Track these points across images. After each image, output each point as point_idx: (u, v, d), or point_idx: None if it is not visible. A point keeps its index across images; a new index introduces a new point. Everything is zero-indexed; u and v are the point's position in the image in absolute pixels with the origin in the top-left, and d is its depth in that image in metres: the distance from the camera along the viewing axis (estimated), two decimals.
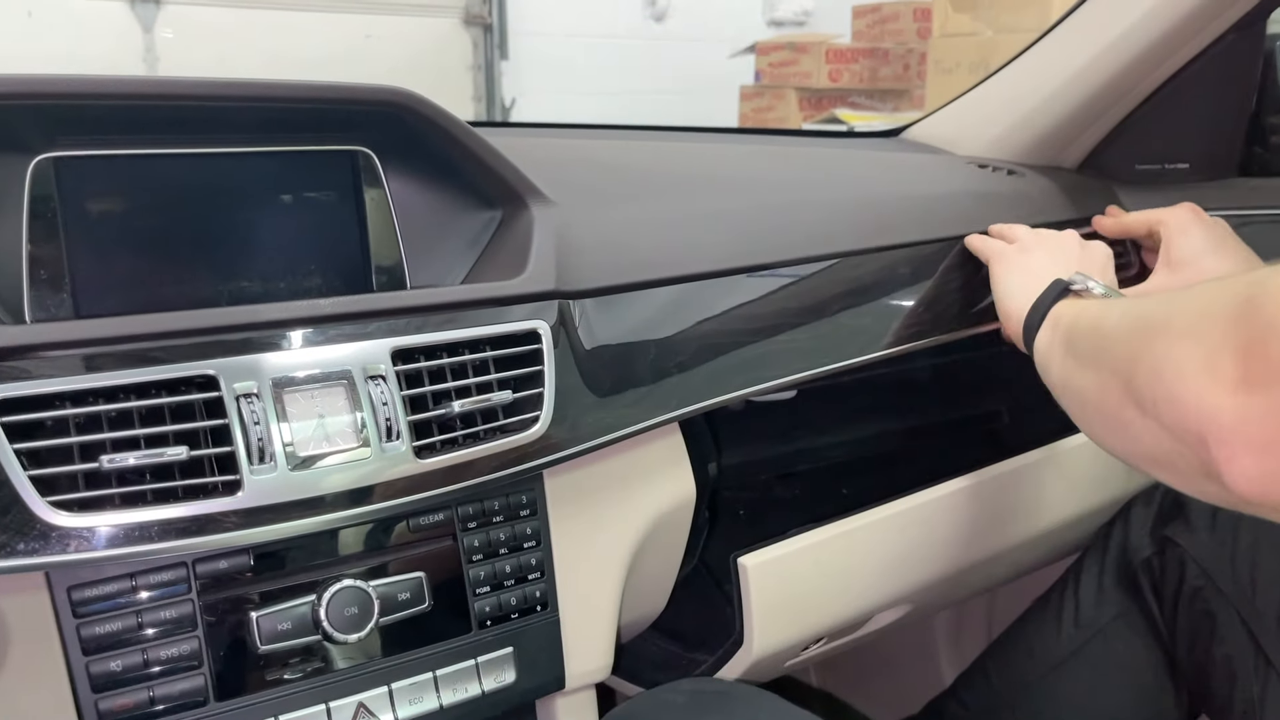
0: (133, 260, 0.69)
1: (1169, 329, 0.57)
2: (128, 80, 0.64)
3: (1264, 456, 0.49)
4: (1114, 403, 0.62)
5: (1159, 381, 0.56)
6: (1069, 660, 1.03)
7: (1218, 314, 0.53)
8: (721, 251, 0.87)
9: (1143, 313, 0.63)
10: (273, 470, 0.61)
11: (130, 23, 4.18)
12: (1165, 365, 0.55)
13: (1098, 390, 0.66)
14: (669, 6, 5.40)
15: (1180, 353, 0.54)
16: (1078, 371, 0.70)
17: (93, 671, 0.60)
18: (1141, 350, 0.59)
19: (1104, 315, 0.69)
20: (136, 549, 0.58)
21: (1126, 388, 0.60)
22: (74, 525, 0.56)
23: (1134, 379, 0.59)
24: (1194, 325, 0.54)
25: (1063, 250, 0.89)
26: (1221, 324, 0.52)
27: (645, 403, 0.78)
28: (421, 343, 0.68)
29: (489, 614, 0.73)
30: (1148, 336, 0.59)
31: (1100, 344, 0.67)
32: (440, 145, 0.76)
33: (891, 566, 0.94)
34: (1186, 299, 0.58)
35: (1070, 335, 0.74)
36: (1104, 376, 0.65)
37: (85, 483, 0.58)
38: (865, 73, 4.42)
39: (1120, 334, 0.64)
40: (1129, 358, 0.60)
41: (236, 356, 0.62)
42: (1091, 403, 0.67)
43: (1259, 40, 1.17)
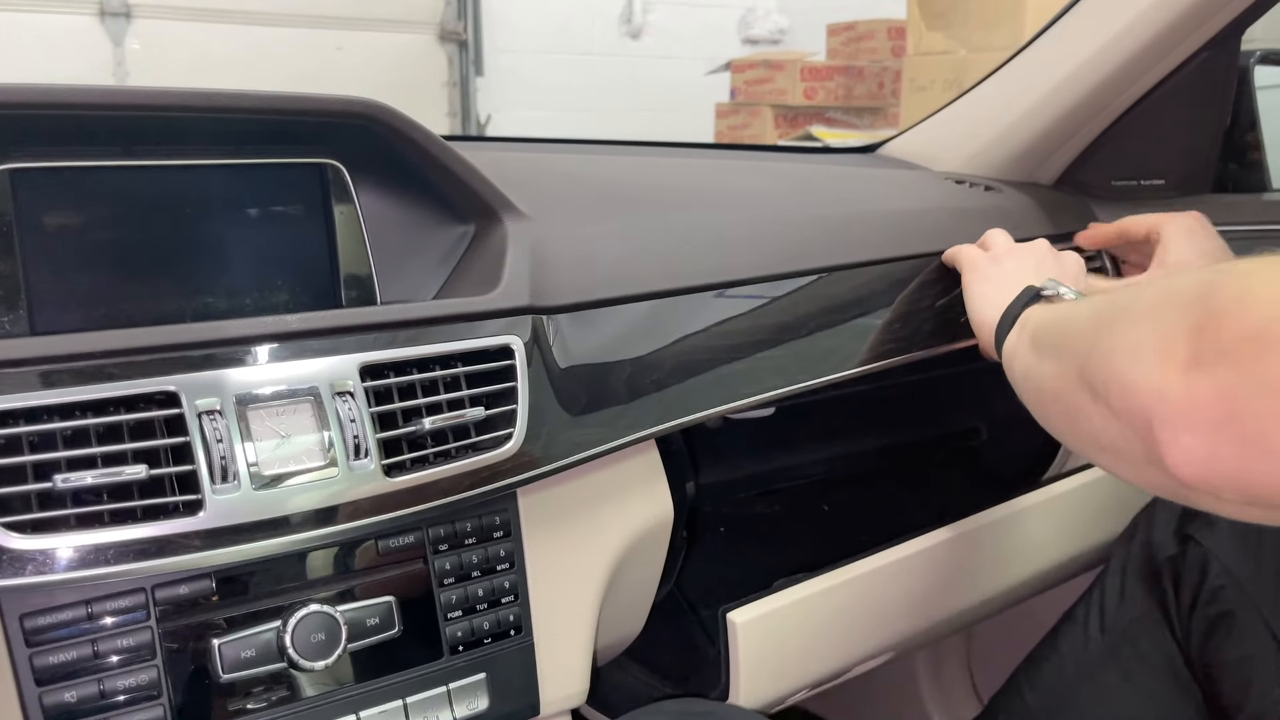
0: (93, 276, 0.67)
1: (1128, 314, 0.57)
2: (87, 90, 0.63)
3: (1207, 438, 0.48)
4: (1068, 390, 0.62)
5: (1111, 365, 0.56)
6: (1098, 666, 1.02)
7: (1176, 299, 0.52)
8: (698, 267, 0.86)
9: (1107, 302, 0.63)
10: (236, 490, 0.59)
11: (100, 38, 4.14)
12: (1119, 349, 0.55)
13: (1054, 379, 0.66)
14: (644, 24, 5.42)
15: (1135, 336, 0.54)
16: (1037, 363, 0.70)
17: (46, 703, 0.57)
18: (1099, 337, 0.59)
19: (1071, 310, 0.70)
20: (94, 572, 0.56)
21: (1080, 374, 0.60)
22: (27, 548, 0.54)
23: (1088, 365, 0.59)
24: (1151, 310, 0.54)
25: (1035, 258, 0.89)
26: (1178, 308, 0.51)
27: (621, 420, 0.77)
28: (391, 358, 0.66)
29: (461, 639, 0.71)
30: (1108, 323, 0.59)
31: (1062, 335, 0.68)
32: (411, 158, 0.74)
33: (881, 618, 0.93)
34: (1149, 287, 0.58)
35: (1036, 332, 0.74)
36: (1062, 366, 0.65)
37: (39, 503, 0.55)
38: (840, 90, 4.44)
39: (1083, 324, 0.64)
40: (1088, 345, 0.60)
41: (198, 372, 0.60)
42: (1047, 391, 0.67)
43: (1234, 57, 1.18)
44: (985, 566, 1.06)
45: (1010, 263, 0.88)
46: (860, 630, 0.91)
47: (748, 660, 0.81)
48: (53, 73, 3.91)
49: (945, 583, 1.01)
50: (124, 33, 4.18)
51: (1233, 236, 1.14)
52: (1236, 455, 0.47)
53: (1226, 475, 0.48)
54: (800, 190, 1.10)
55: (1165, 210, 1.17)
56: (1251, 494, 0.48)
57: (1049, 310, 0.76)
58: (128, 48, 4.19)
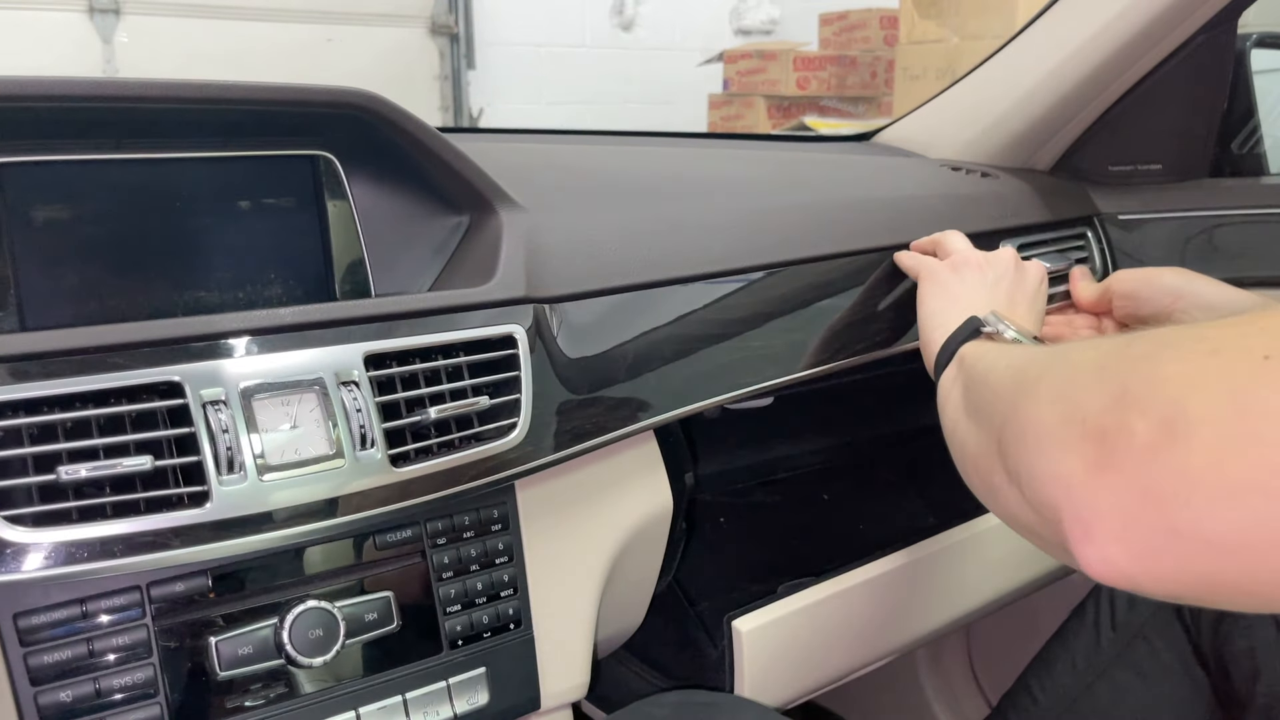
0: (83, 271, 0.66)
1: (1037, 390, 0.52)
2: (75, 81, 0.62)
3: (1119, 540, 0.44)
4: (985, 465, 0.59)
5: (1022, 447, 0.52)
6: (1112, 664, 1.01)
7: (1085, 378, 0.48)
8: (694, 256, 0.85)
9: (1022, 367, 0.58)
10: (242, 480, 0.59)
11: (89, 34, 4.12)
12: (1029, 429, 0.51)
13: (975, 446, 0.62)
14: (636, 16, 5.40)
15: (1044, 417, 0.50)
16: (963, 421, 0.66)
17: (41, 703, 0.57)
18: (1010, 412, 0.55)
19: (994, 366, 0.64)
20: (98, 565, 0.55)
21: (998, 450, 0.56)
22: (29, 541, 0.53)
23: (1003, 439, 0.55)
24: (1062, 388, 0.50)
25: (994, 273, 0.83)
26: (1087, 390, 0.47)
27: (623, 409, 0.76)
28: (396, 347, 0.66)
29: (460, 633, 0.70)
30: (1019, 396, 0.55)
31: (983, 397, 0.63)
32: (404, 149, 0.74)
33: (886, 623, 0.93)
34: (1063, 357, 0.54)
35: (967, 381, 0.69)
36: (981, 434, 0.61)
37: (40, 496, 0.55)
38: (833, 80, 4.43)
39: (1000, 389, 0.60)
40: (1001, 418, 0.56)
41: (202, 362, 0.59)
42: (969, 458, 0.63)
43: (1229, 40, 1.17)
44: (990, 567, 1.05)
45: (969, 275, 0.83)
46: (865, 635, 0.91)
47: (753, 667, 0.81)
48: (41, 70, 3.88)
49: (950, 586, 1.00)
50: (113, 29, 4.16)
51: (1229, 220, 1.14)
52: (1151, 554, 0.43)
53: (1144, 573, 0.44)
54: (797, 178, 1.10)
55: (1161, 197, 1.17)
56: (1172, 591, 0.44)
57: (981, 356, 0.70)
58: (117, 44, 4.16)
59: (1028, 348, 0.69)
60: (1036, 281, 0.85)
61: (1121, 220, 1.17)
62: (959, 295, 0.80)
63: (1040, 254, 1.09)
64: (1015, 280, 0.83)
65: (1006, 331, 0.74)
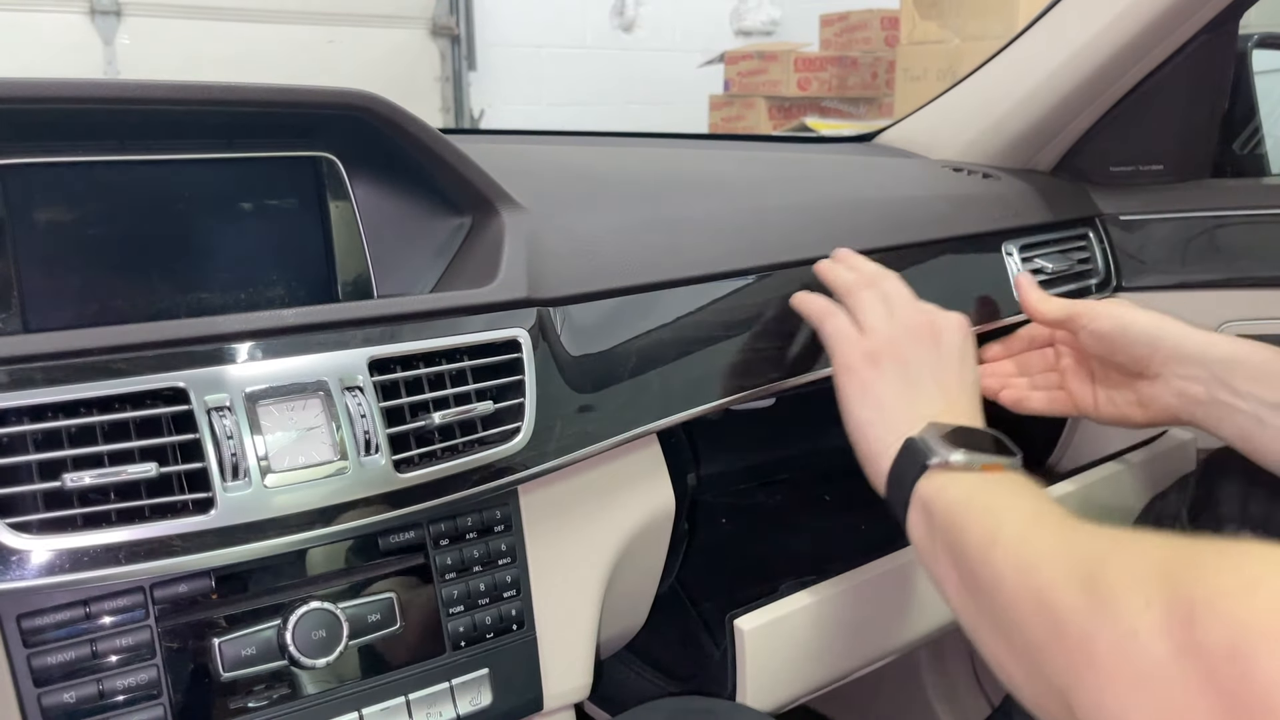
0: (86, 273, 0.67)
1: (1096, 659, 0.47)
2: (78, 83, 0.62)
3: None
4: (1052, 709, 0.53)
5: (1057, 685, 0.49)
6: None
7: (1172, 676, 0.43)
8: (696, 257, 0.85)
9: (1043, 585, 0.52)
10: (247, 487, 0.59)
11: (91, 37, 4.12)
12: (1109, 715, 0.46)
13: (1027, 682, 0.55)
14: (637, 17, 5.40)
15: (1130, 713, 0.45)
16: (988, 632, 0.59)
17: (45, 704, 0.57)
18: (1067, 669, 0.49)
19: (991, 557, 0.57)
20: (102, 572, 0.55)
21: (1065, 706, 0.50)
22: (34, 548, 0.53)
23: (1073, 702, 0.49)
24: (1140, 678, 0.45)
25: (916, 361, 0.74)
26: (1180, 697, 0.42)
27: (628, 412, 0.76)
28: (400, 352, 0.66)
29: (463, 634, 0.70)
30: (1067, 648, 0.49)
31: (1002, 613, 0.56)
32: (406, 150, 0.74)
33: (889, 622, 0.93)
34: (1113, 599, 0.47)
35: (954, 555, 0.62)
36: (1029, 670, 0.55)
37: (45, 503, 0.55)
38: (834, 81, 4.43)
39: (1025, 615, 0.53)
40: (1057, 670, 0.50)
41: (206, 368, 0.59)
42: (1024, 692, 0.56)
43: (1231, 40, 1.17)
44: None
45: (890, 371, 0.73)
46: (868, 634, 0.91)
47: (755, 666, 0.81)
48: (42, 72, 3.89)
49: None
50: (114, 31, 4.16)
51: (1232, 221, 1.14)
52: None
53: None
54: (798, 179, 1.10)
55: (1163, 198, 1.17)
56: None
57: (950, 509, 0.63)
58: (118, 46, 4.16)
59: (1017, 519, 0.60)
60: (959, 350, 0.76)
61: (1123, 221, 1.17)
62: (885, 400, 0.72)
63: (1042, 254, 1.10)
64: (937, 360, 0.74)
65: (956, 459, 0.65)
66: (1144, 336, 0.82)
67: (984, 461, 0.66)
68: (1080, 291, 1.13)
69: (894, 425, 0.70)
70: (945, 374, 0.74)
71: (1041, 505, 0.61)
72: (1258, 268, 1.11)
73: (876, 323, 0.76)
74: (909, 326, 0.75)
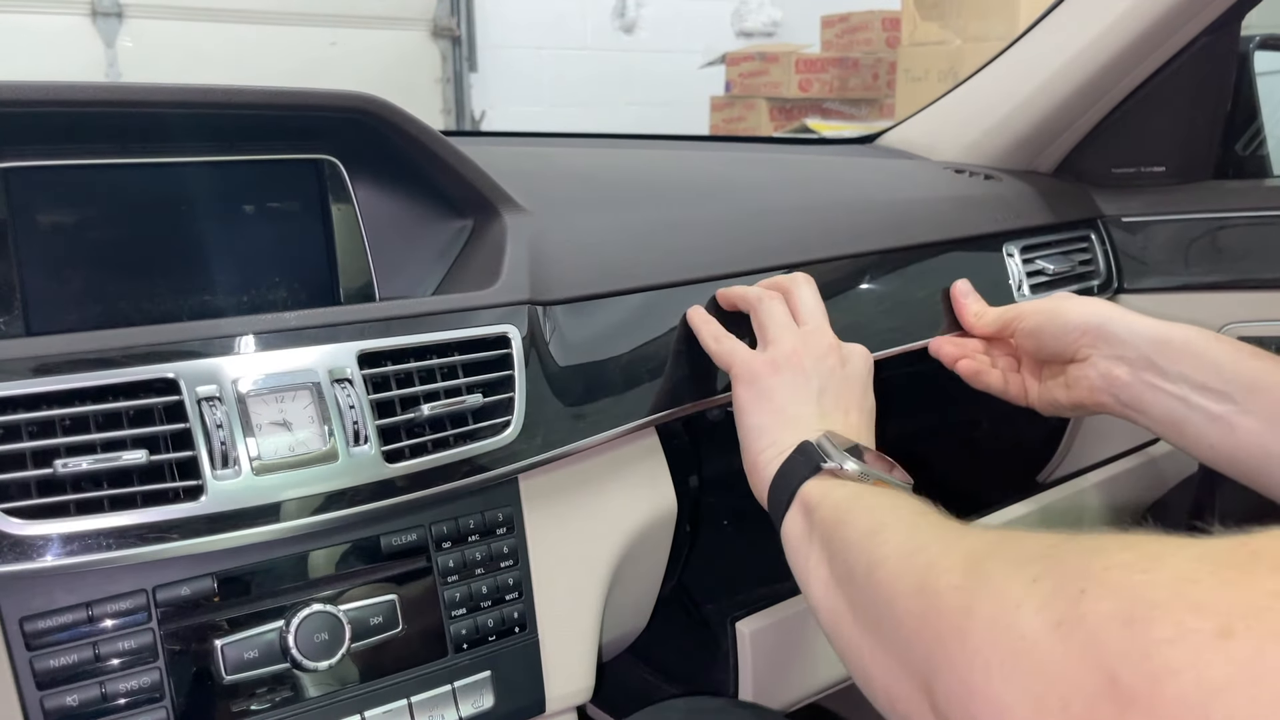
0: (88, 275, 0.67)
1: (971, 638, 0.43)
2: (81, 86, 0.62)
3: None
4: (909, 701, 0.48)
5: (967, 701, 0.42)
6: None
7: (1048, 646, 0.39)
8: (697, 259, 0.85)
9: (925, 573, 0.49)
10: (237, 475, 0.59)
11: (92, 38, 4.12)
12: (978, 698, 0.41)
13: (885, 672, 0.51)
14: (638, 18, 5.40)
15: (1003, 699, 0.40)
16: (846, 619, 0.56)
17: (47, 707, 0.57)
18: (938, 659, 0.45)
19: (873, 544, 0.55)
20: (95, 557, 0.55)
21: (925, 691, 0.46)
22: (27, 533, 0.54)
23: (935, 694, 0.45)
24: (1011, 648, 0.40)
25: (819, 374, 0.72)
26: (1053, 663, 0.38)
27: (619, 408, 0.76)
28: (389, 346, 0.66)
29: (465, 637, 0.70)
30: (944, 637, 0.45)
31: (868, 597, 0.54)
32: (408, 153, 0.74)
33: None
34: (980, 575, 0.45)
35: (829, 548, 0.60)
36: (889, 658, 0.51)
37: (38, 489, 0.55)
38: (835, 82, 4.43)
39: (901, 601, 0.50)
40: (924, 660, 0.46)
41: (198, 360, 0.60)
42: (877, 682, 0.52)
43: (1233, 42, 1.17)
44: None
45: (790, 380, 0.71)
46: None
47: (757, 669, 0.81)
48: (44, 75, 3.89)
49: None
50: (116, 33, 4.16)
51: (1234, 223, 1.14)
52: None
53: None
54: (799, 181, 1.10)
55: (1165, 199, 1.17)
56: None
57: (835, 511, 0.61)
58: (120, 48, 4.17)
59: (904, 507, 0.59)
60: (863, 377, 0.75)
61: (1125, 222, 1.17)
62: (782, 407, 0.70)
63: (1044, 255, 1.10)
64: (841, 380, 0.73)
65: (851, 467, 0.64)
66: (1073, 322, 0.81)
67: (877, 478, 0.64)
68: (1082, 293, 1.13)
69: (789, 429, 0.68)
70: (848, 395, 0.72)
71: (929, 508, 0.58)
72: (1260, 269, 1.11)
73: (780, 333, 0.74)
74: (816, 346, 0.73)
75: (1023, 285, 1.06)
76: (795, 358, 0.72)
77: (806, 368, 0.72)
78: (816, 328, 0.75)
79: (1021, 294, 1.06)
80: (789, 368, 0.71)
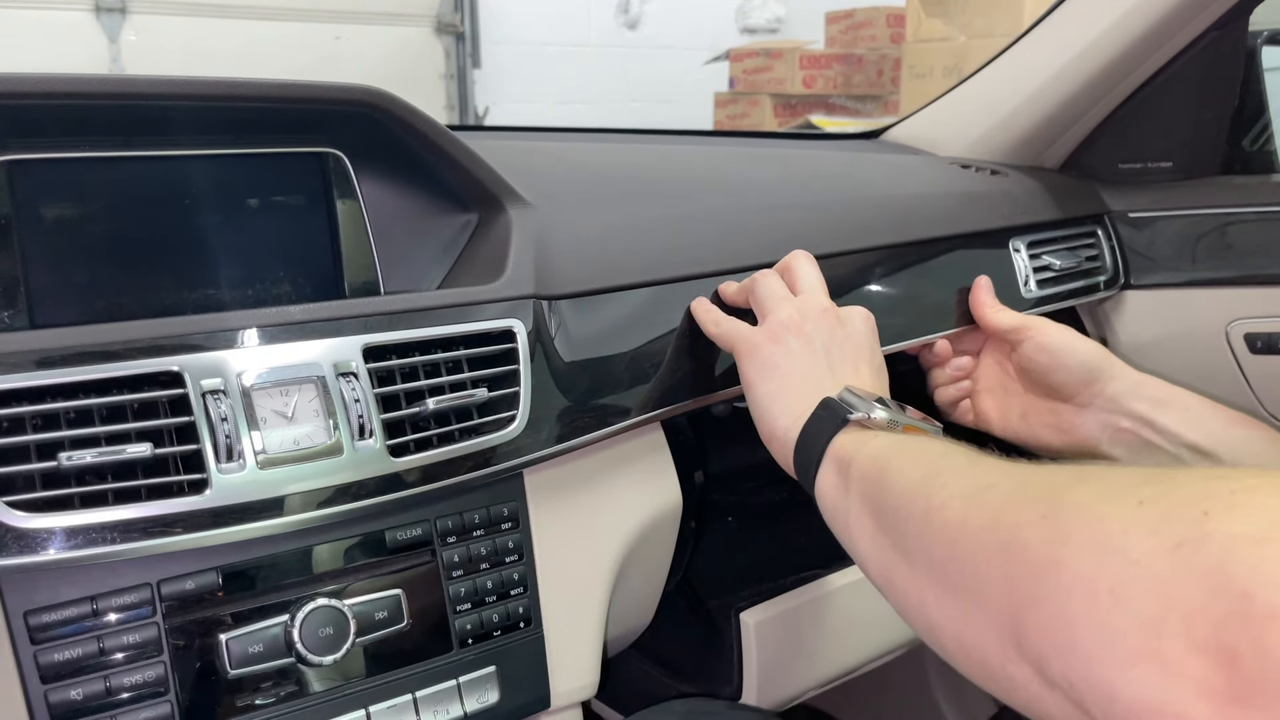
0: (92, 268, 0.67)
1: (1070, 562, 0.40)
2: (85, 79, 0.62)
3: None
4: (980, 646, 0.46)
5: (1073, 653, 0.39)
6: None
7: (1166, 566, 0.37)
8: (702, 254, 0.85)
9: (998, 503, 0.47)
10: (241, 469, 0.59)
11: (95, 33, 4.12)
12: (1082, 632, 0.39)
13: (949, 618, 0.49)
14: (641, 14, 5.39)
15: (1108, 620, 0.38)
16: (907, 573, 0.53)
17: (52, 701, 0.57)
18: (1028, 589, 0.42)
19: (930, 489, 0.52)
20: (98, 550, 0.55)
21: (1010, 633, 0.43)
22: (31, 526, 0.54)
23: (1023, 628, 0.42)
24: (1122, 574, 0.38)
25: (821, 337, 0.71)
26: (1176, 584, 0.36)
27: (623, 403, 0.76)
28: (394, 340, 0.66)
29: (470, 632, 0.70)
30: (1037, 568, 0.42)
31: (929, 539, 0.51)
32: (414, 147, 0.73)
33: (893, 616, 0.93)
34: (1073, 502, 0.42)
35: (874, 500, 0.57)
36: (960, 601, 0.48)
37: (43, 483, 0.55)
38: (839, 78, 4.43)
39: (972, 532, 0.47)
40: (1004, 591, 0.44)
41: (202, 353, 0.60)
42: (947, 630, 0.49)
43: (1241, 37, 1.17)
44: None
45: (794, 345, 0.70)
46: (874, 630, 0.90)
47: (761, 660, 0.80)
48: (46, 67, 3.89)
49: None
50: (119, 28, 4.16)
51: (1241, 219, 1.13)
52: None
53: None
54: (804, 176, 1.10)
55: (1172, 195, 1.17)
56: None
57: (875, 462, 0.59)
58: (123, 43, 4.17)
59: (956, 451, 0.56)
60: (868, 336, 0.73)
61: (1132, 218, 1.17)
62: (791, 372, 0.69)
63: (1050, 251, 1.09)
64: (844, 339, 0.71)
65: (878, 414, 0.62)
66: (1086, 364, 0.82)
67: (907, 423, 0.63)
68: (1088, 289, 1.13)
69: (805, 393, 0.67)
70: (854, 352, 0.71)
71: (981, 453, 0.55)
72: (1268, 265, 1.11)
73: (776, 305, 0.73)
74: (813, 310, 0.72)
75: (1029, 280, 1.06)
76: (793, 323, 0.71)
77: (808, 331, 0.71)
78: (810, 294, 0.74)
79: (1028, 289, 1.05)
80: (790, 333, 0.71)
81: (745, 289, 0.78)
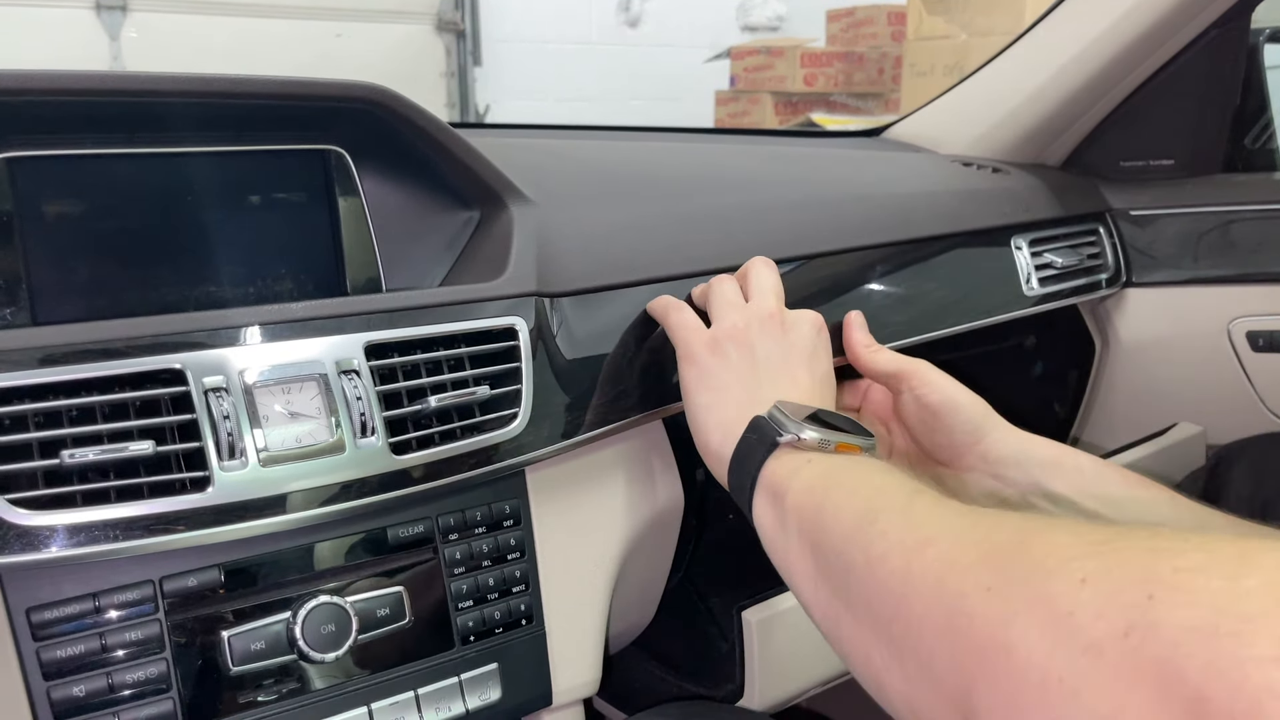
0: (94, 265, 0.67)
1: (1014, 648, 0.38)
2: (87, 75, 0.62)
3: None
4: (937, 716, 0.43)
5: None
6: None
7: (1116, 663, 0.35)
8: (704, 251, 0.85)
9: (940, 564, 0.44)
10: (243, 467, 0.59)
11: (96, 31, 4.12)
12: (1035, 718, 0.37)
13: (904, 680, 0.46)
14: (643, 12, 5.39)
15: (1064, 713, 0.36)
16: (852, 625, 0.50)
17: (54, 698, 0.57)
18: (973, 663, 0.40)
19: (867, 537, 0.50)
20: (100, 548, 0.55)
21: (959, 707, 0.41)
22: (33, 524, 0.53)
23: (974, 705, 0.40)
24: (1072, 670, 0.36)
25: (763, 344, 0.68)
26: (1129, 693, 0.34)
27: (626, 400, 0.76)
28: (396, 338, 0.66)
29: (472, 629, 0.70)
30: (974, 639, 0.40)
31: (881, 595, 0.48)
32: (416, 144, 0.73)
33: None
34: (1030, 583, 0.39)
35: (813, 540, 0.54)
36: (908, 667, 0.45)
37: (45, 480, 0.55)
38: (840, 76, 4.43)
39: (916, 595, 0.45)
40: (953, 666, 0.41)
41: (204, 351, 0.60)
42: (897, 692, 0.47)
43: (1243, 35, 1.17)
44: None
45: (732, 354, 0.68)
46: None
47: (763, 658, 0.80)
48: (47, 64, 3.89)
49: None
50: (120, 25, 4.16)
51: (1242, 216, 1.13)
52: None
53: None
54: (805, 174, 1.10)
55: (1173, 192, 1.17)
56: None
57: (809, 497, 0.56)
58: (124, 40, 4.17)
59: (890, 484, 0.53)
60: (810, 343, 0.70)
61: (1134, 216, 1.17)
62: (727, 384, 0.67)
63: (1052, 249, 1.09)
64: (786, 347, 0.69)
65: (809, 436, 0.59)
66: (969, 424, 0.72)
67: (840, 440, 0.60)
68: (1090, 286, 1.13)
69: (738, 409, 0.65)
70: (794, 364, 0.68)
71: (919, 486, 0.52)
72: (1269, 263, 1.11)
73: (724, 311, 0.71)
74: (758, 316, 0.70)
75: (1031, 278, 1.06)
76: (736, 333, 0.69)
77: (750, 340, 0.68)
78: (759, 301, 0.71)
79: (1030, 287, 1.05)
80: (731, 343, 0.68)
81: (702, 294, 0.76)
